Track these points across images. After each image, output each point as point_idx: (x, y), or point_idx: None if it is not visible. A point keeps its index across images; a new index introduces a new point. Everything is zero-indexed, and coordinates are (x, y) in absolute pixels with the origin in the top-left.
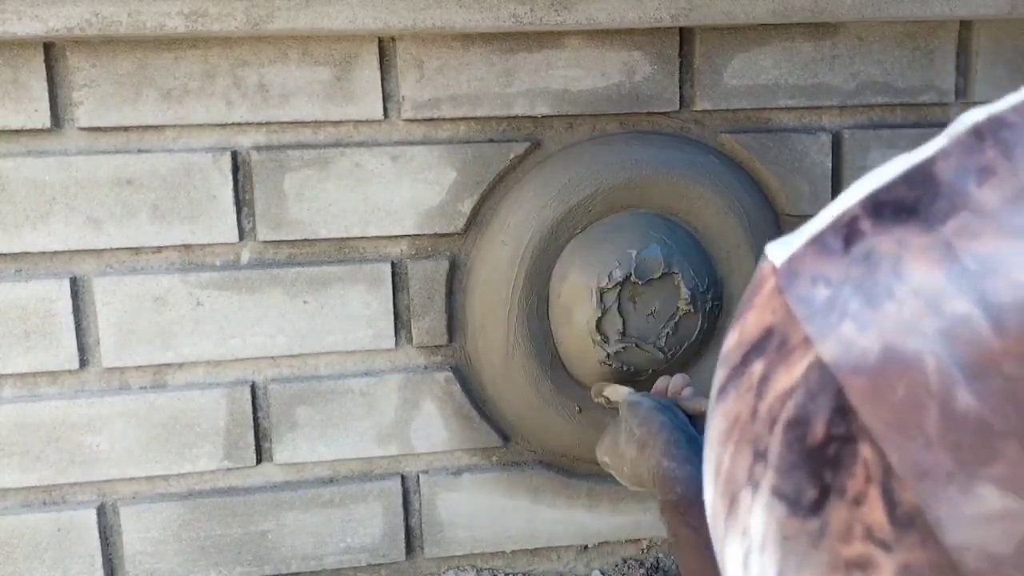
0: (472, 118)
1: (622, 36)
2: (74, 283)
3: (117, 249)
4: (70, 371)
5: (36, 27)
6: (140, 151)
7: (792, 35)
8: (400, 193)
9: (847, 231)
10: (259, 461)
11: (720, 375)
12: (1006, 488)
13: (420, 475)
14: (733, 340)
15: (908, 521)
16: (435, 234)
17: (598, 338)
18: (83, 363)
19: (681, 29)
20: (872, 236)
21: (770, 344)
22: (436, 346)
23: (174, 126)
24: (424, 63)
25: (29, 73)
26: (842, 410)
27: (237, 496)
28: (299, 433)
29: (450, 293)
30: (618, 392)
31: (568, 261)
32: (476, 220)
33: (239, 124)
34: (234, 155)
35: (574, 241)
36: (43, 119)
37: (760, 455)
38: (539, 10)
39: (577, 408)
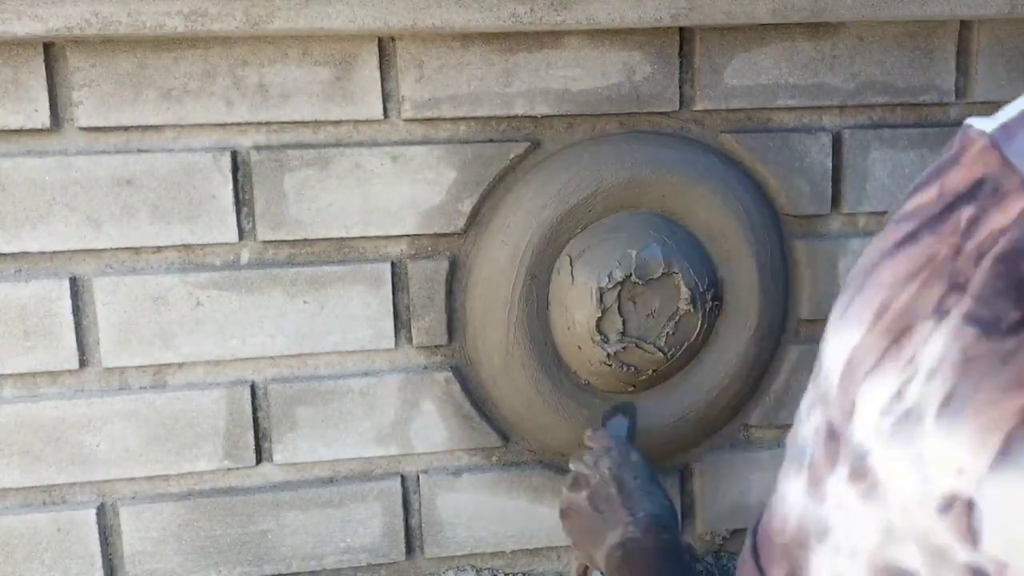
0: (472, 118)
1: (622, 36)
2: (74, 283)
3: (117, 249)
4: (70, 371)
5: (36, 27)
6: (140, 151)
7: (792, 35)
8: (400, 193)
9: None
10: (259, 461)
11: (904, 228)
12: None
13: (420, 475)
14: (931, 195)
15: None
16: (435, 234)
17: (598, 338)
18: (83, 363)
19: (681, 29)
20: None
21: (982, 192)
22: (436, 346)
23: (174, 126)
24: (424, 63)
25: (29, 73)
26: None
27: (237, 496)
28: (299, 433)
29: (450, 293)
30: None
31: (568, 261)
32: (476, 220)
33: (239, 124)
34: (234, 155)
35: (574, 241)
36: (43, 119)
37: (957, 286)
38: (539, 10)
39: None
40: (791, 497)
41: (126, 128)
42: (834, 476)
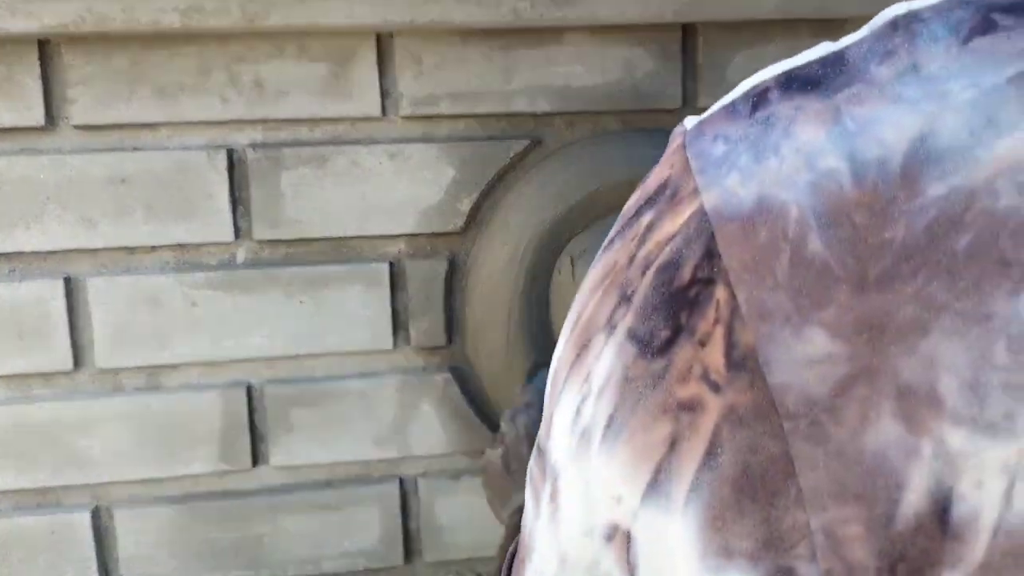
0: (471, 115)
1: (624, 32)
2: (68, 283)
3: (111, 249)
4: (64, 372)
5: (30, 24)
6: (135, 149)
7: (796, 31)
8: (398, 192)
9: (756, 99)
10: (255, 464)
11: (611, 232)
12: (832, 332)
13: (419, 478)
14: (633, 197)
15: (741, 363)
16: (434, 233)
17: None
18: (77, 364)
19: (684, 25)
20: (776, 103)
21: (663, 195)
22: (435, 347)
23: (169, 124)
24: (422, 59)
25: (23, 70)
26: (709, 254)
27: (233, 499)
28: (295, 435)
29: (449, 293)
30: None
31: (568, 261)
32: (475, 219)
33: (235, 121)
34: (230, 153)
35: (574, 241)
36: (37, 117)
37: (625, 299)
38: (539, 5)
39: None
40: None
41: (121, 126)
42: (543, 494)
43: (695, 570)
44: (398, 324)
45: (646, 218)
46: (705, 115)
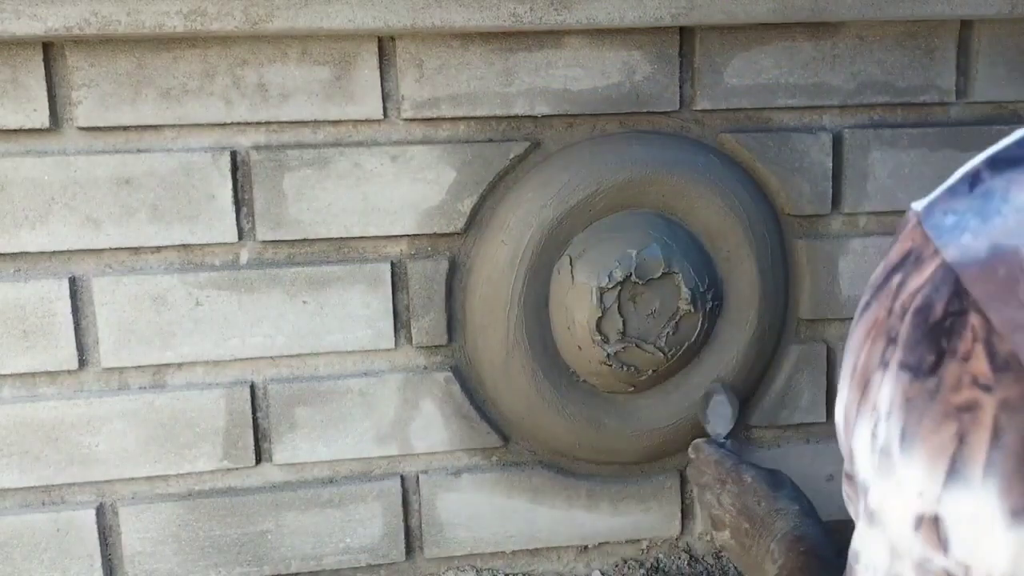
0: (472, 118)
1: (622, 35)
2: (73, 283)
3: (116, 249)
4: (69, 371)
5: (35, 26)
6: (139, 151)
7: (793, 34)
8: (399, 193)
9: (972, 179)
10: (258, 461)
11: (863, 299)
12: None
13: (420, 475)
14: (878, 269)
15: (1005, 365)
16: (435, 234)
17: (598, 338)
18: (82, 363)
19: (681, 28)
20: (989, 180)
21: (908, 261)
22: (436, 346)
23: (173, 126)
24: (424, 62)
25: (28, 73)
26: (957, 293)
27: (236, 496)
28: (298, 433)
29: (450, 293)
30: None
31: (568, 261)
32: (476, 220)
33: (238, 124)
34: (233, 155)
35: (574, 241)
36: (42, 119)
37: (892, 340)
38: (539, 9)
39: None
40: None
41: (125, 128)
42: (860, 510)
43: (1001, 528)
44: (399, 323)
45: (895, 279)
46: (931, 198)
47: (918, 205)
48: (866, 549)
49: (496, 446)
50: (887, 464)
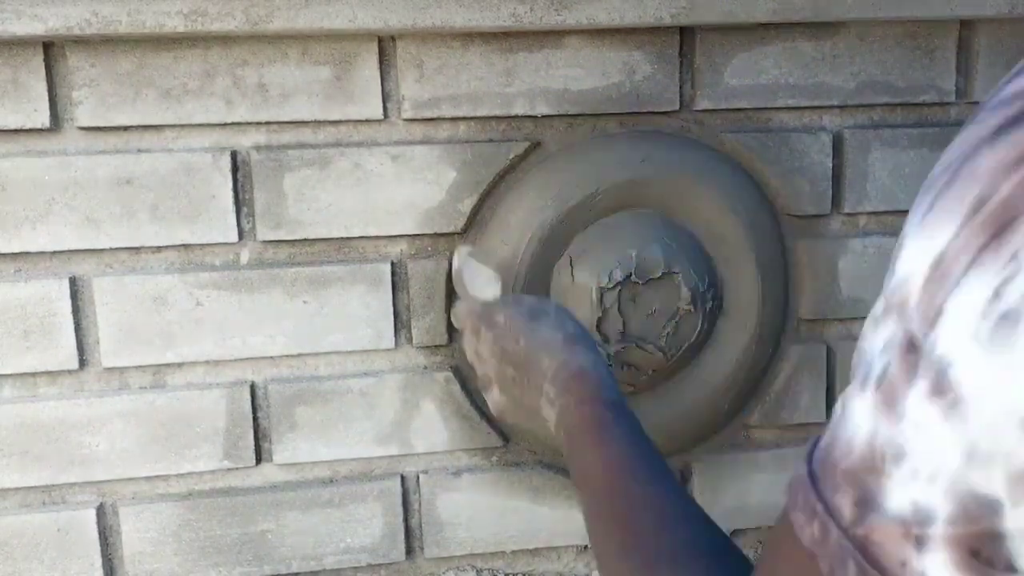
0: (472, 118)
1: (622, 35)
2: (73, 283)
3: (116, 249)
4: (69, 371)
5: (35, 26)
6: (139, 151)
7: (793, 35)
8: (400, 193)
9: None
10: (259, 461)
11: (1004, 113)
12: None
13: (420, 475)
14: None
15: None
16: (435, 234)
17: (598, 338)
18: (82, 363)
19: (682, 28)
20: None
21: None
22: (436, 346)
23: (174, 126)
24: (424, 63)
25: (28, 73)
26: None
27: (237, 496)
28: (299, 433)
29: (450, 293)
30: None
31: (568, 261)
32: (476, 220)
33: (239, 124)
34: (234, 155)
35: (574, 241)
36: (42, 119)
37: None
38: (539, 9)
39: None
40: (856, 418)
41: (126, 128)
42: (912, 393)
43: None
44: (400, 323)
45: None
46: None
47: None
48: (922, 447)
49: (496, 446)
50: (1007, 337)
